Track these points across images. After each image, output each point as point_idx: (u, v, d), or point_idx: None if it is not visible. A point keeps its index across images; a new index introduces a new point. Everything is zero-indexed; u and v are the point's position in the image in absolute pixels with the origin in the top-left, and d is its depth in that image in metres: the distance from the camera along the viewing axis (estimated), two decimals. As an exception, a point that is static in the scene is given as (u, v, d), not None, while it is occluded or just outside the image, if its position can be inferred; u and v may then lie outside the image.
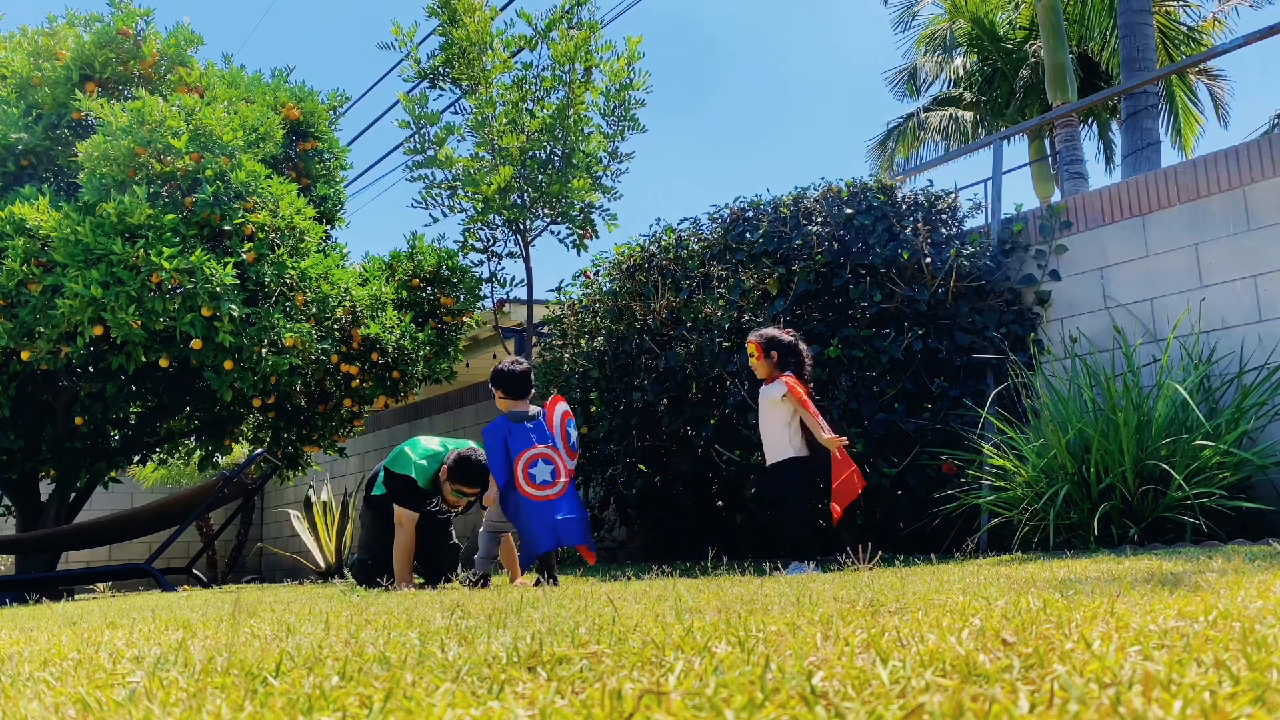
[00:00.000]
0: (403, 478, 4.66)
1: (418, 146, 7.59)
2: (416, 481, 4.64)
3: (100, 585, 9.79)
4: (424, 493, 4.68)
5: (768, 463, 4.32)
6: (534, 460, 4.21)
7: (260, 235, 6.52)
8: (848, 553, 3.87)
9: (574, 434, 4.45)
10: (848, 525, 5.22)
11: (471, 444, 4.72)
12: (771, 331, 4.34)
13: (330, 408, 7.76)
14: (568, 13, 7.45)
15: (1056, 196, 14.41)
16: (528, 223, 7.64)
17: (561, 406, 4.42)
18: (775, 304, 5.28)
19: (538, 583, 4.07)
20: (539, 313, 8.12)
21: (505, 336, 8.29)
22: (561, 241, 7.78)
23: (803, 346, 4.34)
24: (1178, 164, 4.91)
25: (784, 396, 4.18)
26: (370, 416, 9.87)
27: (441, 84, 7.78)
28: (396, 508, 4.64)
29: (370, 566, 4.81)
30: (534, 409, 4.35)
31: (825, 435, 4.11)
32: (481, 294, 7.93)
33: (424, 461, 4.70)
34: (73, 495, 7.94)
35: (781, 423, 4.21)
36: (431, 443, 4.87)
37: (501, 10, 8.41)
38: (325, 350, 6.87)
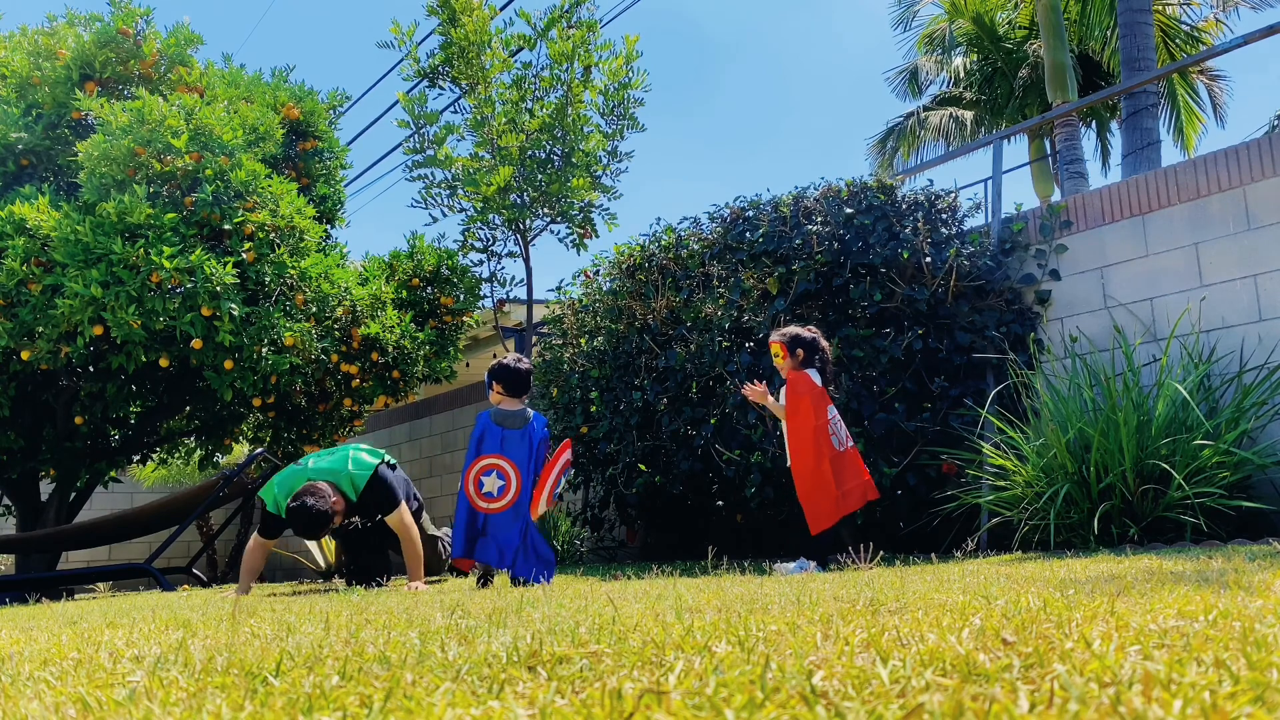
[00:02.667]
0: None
1: (417, 146, 7.60)
2: (274, 508, 4.44)
3: (100, 585, 9.78)
4: (280, 519, 4.44)
5: (788, 462, 4.28)
6: (489, 469, 4.07)
7: (260, 235, 6.52)
8: (848, 552, 3.87)
9: (561, 482, 4.38)
10: (848, 525, 5.22)
11: (320, 483, 4.39)
12: (794, 329, 4.29)
13: (330, 407, 7.76)
14: (566, 12, 7.45)
15: (1056, 196, 14.41)
16: (527, 222, 7.64)
17: (567, 455, 4.34)
18: (775, 304, 5.28)
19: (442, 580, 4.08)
20: (539, 312, 8.13)
21: (505, 336, 8.30)
22: (561, 241, 7.79)
23: (824, 343, 4.30)
24: (1178, 164, 4.91)
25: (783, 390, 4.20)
26: (370, 416, 9.88)
27: (441, 83, 7.78)
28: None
29: (353, 570, 4.86)
30: (529, 411, 4.22)
31: (773, 400, 4.25)
32: (481, 294, 7.94)
33: (279, 495, 4.44)
34: (73, 495, 7.94)
35: None
36: (308, 464, 4.56)
37: (501, 9, 8.41)
38: (325, 350, 6.87)
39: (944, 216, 5.51)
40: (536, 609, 2.01)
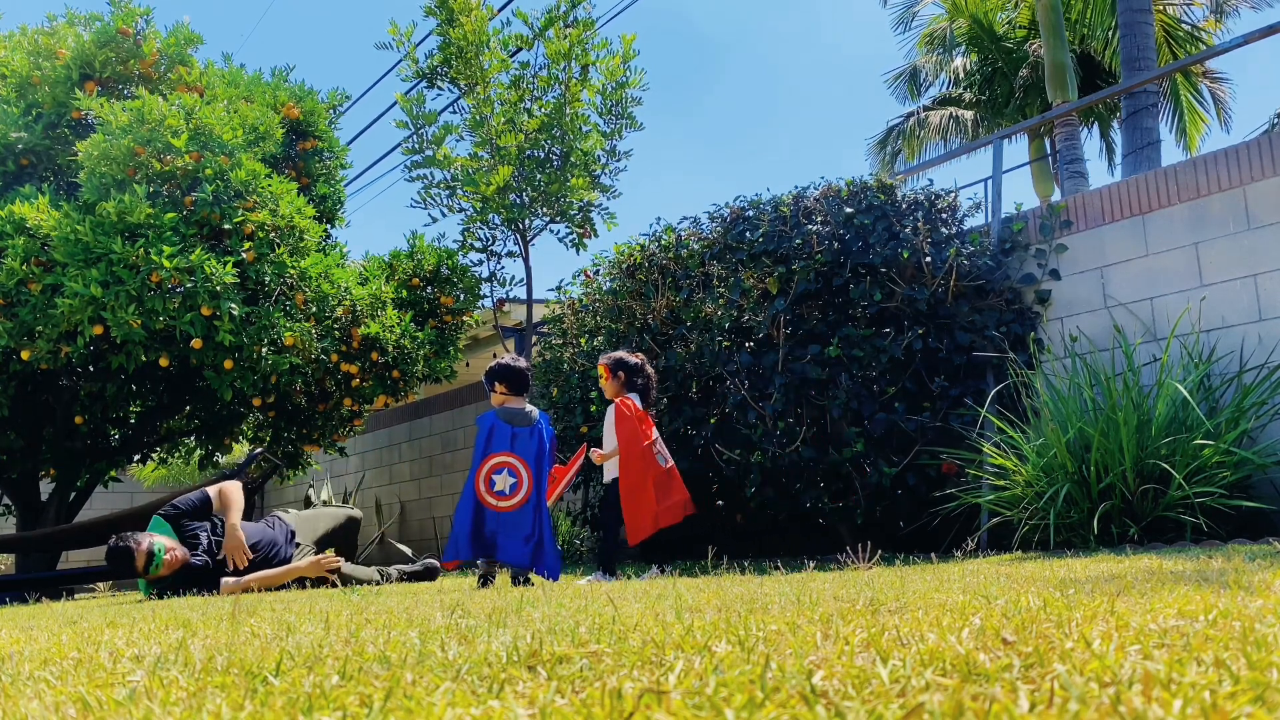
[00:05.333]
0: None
1: (416, 146, 7.60)
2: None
3: (100, 585, 9.79)
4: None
5: (605, 478, 4.60)
6: (499, 467, 3.99)
7: (260, 234, 6.51)
8: (847, 552, 3.88)
9: (565, 484, 4.59)
10: (849, 526, 5.22)
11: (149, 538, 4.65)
12: (620, 354, 4.63)
13: (330, 407, 7.76)
14: (564, 12, 7.46)
15: (1057, 195, 14.41)
16: (527, 222, 7.64)
17: (582, 461, 4.61)
18: (775, 303, 5.28)
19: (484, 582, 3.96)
20: (539, 312, 8.13)
21: (505, 336, 8.30)
22: (561, 240, 7.79)
23: (649, 369, 4.64)
24: (1178, 163, 4.91)
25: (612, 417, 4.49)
26: (370, 416, 9.88)
27: (439, 83, 7.79)
28: None
29: None
30: (532, 409, 4.17)
31: (600, 452, 4.51)
32: (481, 293, 7.94)
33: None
34: (73, 495, 7.94)
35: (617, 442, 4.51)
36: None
37: (499, 10, 8.41)
38: (325, 349, 6.87)
39: (944, 216, 5.51)
40: (536, 609, 2.01)
